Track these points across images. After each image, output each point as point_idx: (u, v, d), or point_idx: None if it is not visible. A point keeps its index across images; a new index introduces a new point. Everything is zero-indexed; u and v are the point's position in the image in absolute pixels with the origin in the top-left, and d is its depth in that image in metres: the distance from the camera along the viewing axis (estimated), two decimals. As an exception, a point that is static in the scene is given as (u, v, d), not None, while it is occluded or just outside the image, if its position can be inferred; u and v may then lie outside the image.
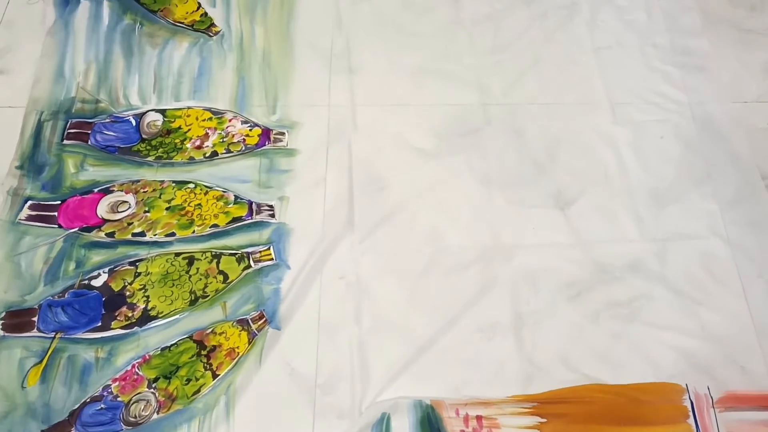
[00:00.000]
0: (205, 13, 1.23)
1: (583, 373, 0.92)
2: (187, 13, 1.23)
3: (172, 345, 0.91)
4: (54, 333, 0.91)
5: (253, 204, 1.03)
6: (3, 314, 0.92)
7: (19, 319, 0.91)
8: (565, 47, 1.21)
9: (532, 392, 0.90)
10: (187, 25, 1.22)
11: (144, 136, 1.08)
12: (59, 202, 1.02)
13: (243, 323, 0.93)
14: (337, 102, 1.14)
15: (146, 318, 0.93)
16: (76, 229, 0.99)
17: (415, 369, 0.92)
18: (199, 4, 1.24)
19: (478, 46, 1.21)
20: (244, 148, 1.08)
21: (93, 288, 0.95)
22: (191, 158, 1.07)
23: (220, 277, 0.96)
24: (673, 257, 1.01)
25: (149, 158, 1.06)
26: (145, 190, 1.03)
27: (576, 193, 1.06)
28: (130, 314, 0.93)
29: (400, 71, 1.18)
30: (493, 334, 0.94)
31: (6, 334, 0.90)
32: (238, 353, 0.91)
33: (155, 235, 1.00)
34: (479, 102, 1.15)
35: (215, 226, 1.01)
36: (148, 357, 0.90)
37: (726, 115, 1.14)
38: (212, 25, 1.22)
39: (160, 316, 0.93)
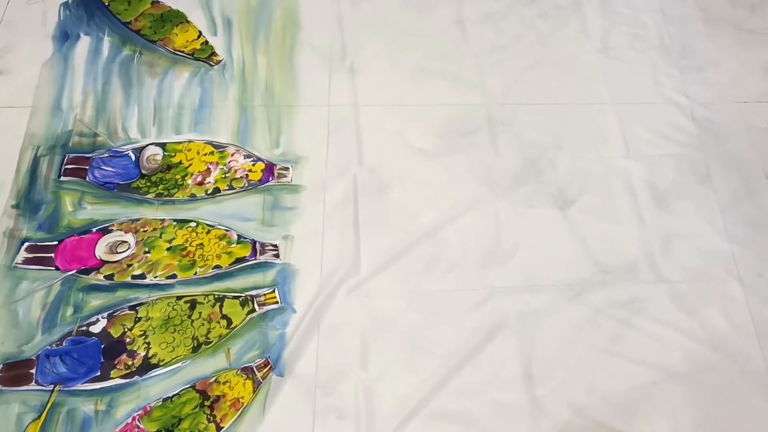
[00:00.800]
0: (206, 42, 1.20)
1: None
2: (187, 41, 1.20)
3: (174, 395, 0.88)
4: (53, 386, 0.87)
5: (257, 243, 0.99)
6: (0, 367, 0.89)
7: (16, 372, 0.88)
8: (565, 47, 1.21)
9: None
10: (188, 54, 1.18)
11: (144, 171, 1.05)
12: (56, 243, 0.99)
13: (248, 371, 0.90)
14: (337, 102, 1.14)
15: (147, 366, 0.90)
16: (74, 271, 0.96)
17: (414, 370, 0.92)
18: (199, 32, 1.21)
19: (478, 46, 1.21)
20: (247, 185, 1.05)
21: (91, 335, 0.91)
22: (193, 195, 1.04)
23: (224, 322, 0.93)
24: (673, 257, 1.01)
25: (149, 195, 1.03)
26: (145, 229, 1.00)
27: (576, 193, 1.06)
28: (130, 362, 0.90)
29: (400, 71, 1.18)
30: (494, 334, 0.94)
31: (3, 387, 0.87)
32: (243, 403, 0.88)
33: (156, 277, 0.96)
34: (479, 102, 1.15)
35: (218, 267, 0.97)
36: (149, 409, 0.87)
37: (726, 115, 1.14)
38: (213, 53, 1.19)
39: (161, 364, 0.90)
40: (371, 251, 1.00)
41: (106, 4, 1.22)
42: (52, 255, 0.98)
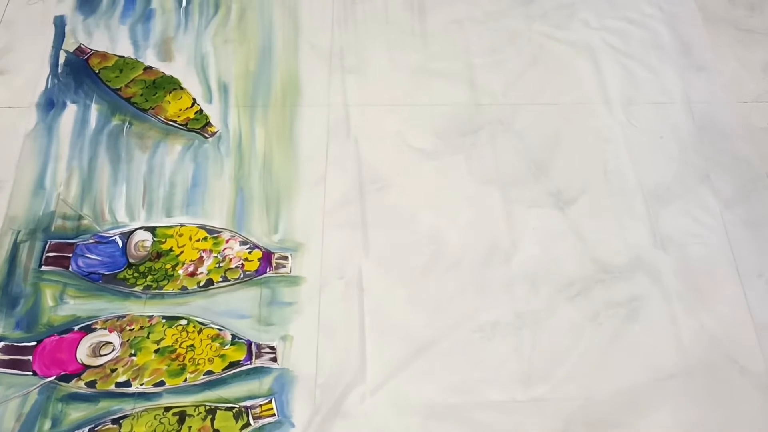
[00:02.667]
0: (201, 110, 1.13)
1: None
2: (180, 110, 1.12)
3: None
4: None
5: (253, 345, 0.92)
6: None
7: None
8: (565, 47, 1.21)
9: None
10: (181, 124, 1.11)
11: (131, 260, 0.98)
12: (34, 344, 0.91)
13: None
14: (336, 101, 1.13)
15: (131, 490, 0.82)
16: (53, 377, 0.88)
17: (414, 368, 0.91)
18: (194, 100, 1.14)
19: (478, 46, 1.20)
20: (242, 276, 0.97)
21: (70, 453, 0.84)
22: (184, 288, 0.96)
23: (215, 438, 0.85)
24: (673, 257, 1.00)
25: (137, 288, 0.96)
26: (132, 327, 0.92)
27: (576, 193, 1.06)
28: (112, 486, 0.82)
29: (400, 71, 1.17)
30: (493, 334, 0.94)
31: None
32: None
33: (142, 384, 0.88)
34: (479, 102, 1.14)
35: (210, 372, 0.90)
36: None
37: (726, 115, 1.13)
38: (208, 124, 1.11)
39: (146, 487, 0.82)
40: (370, 251, 1.00)
41: (97, 72, 1.15)
42: (30, 357, 0.90)
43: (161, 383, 0.89)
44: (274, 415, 0.87)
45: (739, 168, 1.08)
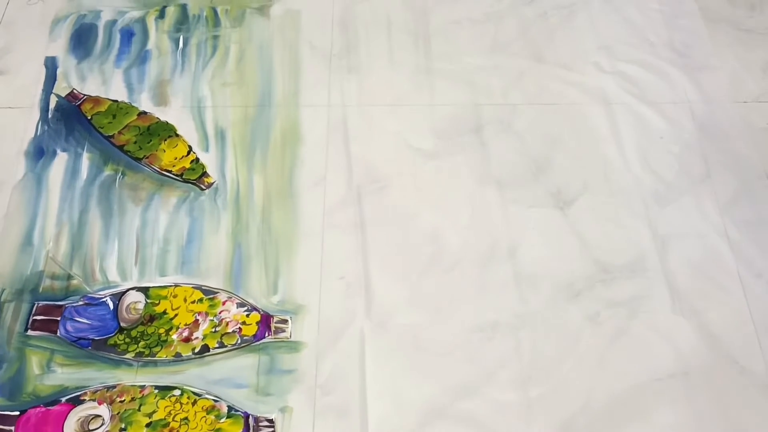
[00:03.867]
0: (197, 159, 1.08)
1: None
2: (175, 158, 1.08)
3: None
4: None
5: (250, 418, 0.87)
6: None
7: None
8: (565, 47, 1.21)
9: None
10: (176, 175, 1.07)
11: (123, 324, 0.93)
12: (18, 413, 0.86)
13: None
14: (336, 102, 1.13)
15: None
16: (38, 455, 0.84)
17: (414, 369, 0.91)
18: (189, 147, 1.09)
19: (478, 46, 1.20)
20: (240, 341, 0.92)
21: None
22: (178, 354, 0.91)
23: None
24: (673, 257, 1.00)
25: (128, 355, 0.91)
26: (122, 399, 0.87)
27: (576, 193, 1.05)
28: None
29: (400, 71, 1.17)
30: (493, 334, 0.94)
31: None
32: None
33: (132, 461, 0.84)
34: (479, 102, 1.14)
35: (204, 448, 0.85)
36: None
37: (726, 115, 1.13)
38: (204, 174, 1.07)
39: None
40: (370, 251, 1.00)
41: (89, 117, 1.11)
42: (12, 428, 0.85)
43: (153, 461, 0.84)
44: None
45: (739, 168, 1.08)
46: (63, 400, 0.87)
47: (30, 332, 0.92)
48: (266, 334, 0.93)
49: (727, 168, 1.08)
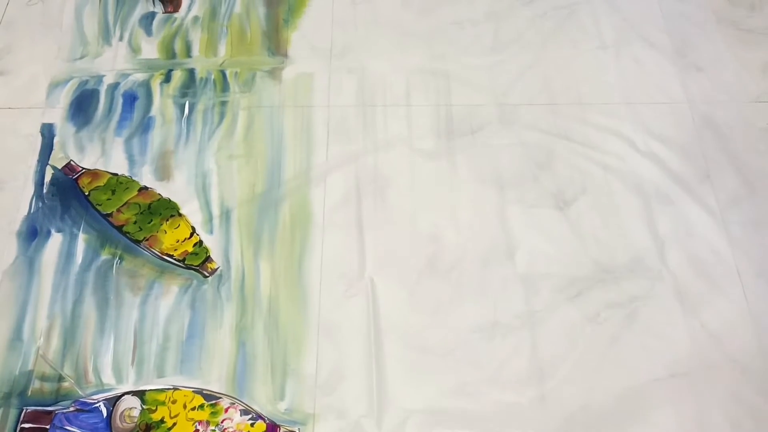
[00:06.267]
0: (200, 243, 1.01)
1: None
2: (177, 241, 1.01)
3: None
4: None
5: None
6: None
7: None
8: (565, 47, 1.20)
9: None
10: (178, 260, 1.00)
11: (116, 434, 0.86)
12: None
13: None
14: (336, 102, 1.13)
15: None
16: None
17: (414, 370, 0.91)
18: (193, 229, 1.03)
19: (479, 46, 1.20)
20: (242, 457, 0.86)
21: None
22: (174, 471, 0.85)
23: None
24: (673, 257, 1.00)
25: (121, 472, 0.84)
26: None
27: (576, 193, 1.05)
28: None
29: (400, 71, 1.17)
30: (493, 334, 0.94)
31: None
32: None
33: None
34: (480, 102, 1.14)
35: None
36: None
37: (726, 115, 1.13)
38: (208, 259, 1.00)
39: None
40: (371, 251, 1.00)
41: (87, 193, 1.04)
42: None
43: None
44: None
45: (739, 168, 1.08)
46: None
47: (16, 443, 0.85)
48: (271, 449, 0.86)
49: (727, 168, 1.07)
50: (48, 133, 1.10)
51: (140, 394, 0.89)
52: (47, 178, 1.06)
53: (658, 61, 1.19)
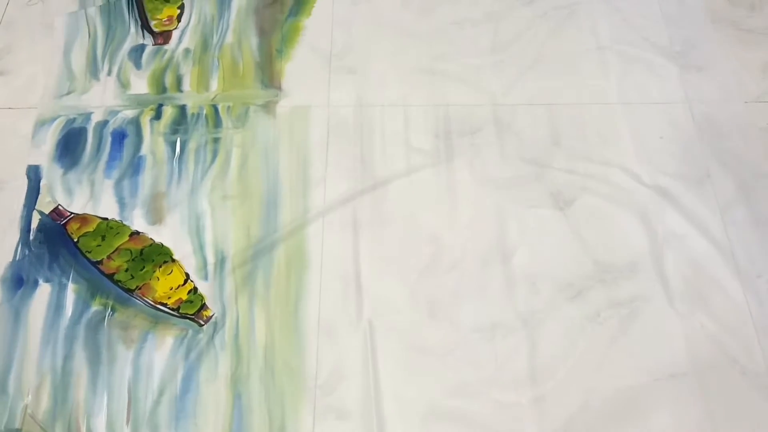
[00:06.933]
0: (195, 290, 0.98)
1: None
2: (171, 289, 0.98)
3: None
4: None
5: None
6: None
7: None
8: (565, 47, 1.20)
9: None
10: (172, 309, 0.97)
11: (109, 499, 0.83)
12: None
13: None
14: (336, 102, 1.13)
15: None
16: None
17: (414, 369, 0.92)
18: (187, 275, 1.00)
19: (478, 46, 1.20)
20: None
21: None
22: None
23: None
24: (673, 257, 1.00)
25: None
26: None
27: (576, 193, 1.05)
28: None
29: (400, 71, 1.17)
30: (493, 334, 0.94)
31: None
32: None
33: None
34: (479, 102, 1.14)
35: None
36: None
37: (726, 115, 1.12)
38: (203, 307, 0.97)
39: None
40: (371, 251, 1.00)
41: (75, 239, 1.01)
42: None
43: None
44: None
45: (739, 168, 1.08)
46: None
47: None
48: None
49: (727, 168, 1.07)
50: (34, 175, 1.07)
51: (134, 456, 0.86)
52: (34, 223, 1.02)
53: (658, 61, 1.18)
